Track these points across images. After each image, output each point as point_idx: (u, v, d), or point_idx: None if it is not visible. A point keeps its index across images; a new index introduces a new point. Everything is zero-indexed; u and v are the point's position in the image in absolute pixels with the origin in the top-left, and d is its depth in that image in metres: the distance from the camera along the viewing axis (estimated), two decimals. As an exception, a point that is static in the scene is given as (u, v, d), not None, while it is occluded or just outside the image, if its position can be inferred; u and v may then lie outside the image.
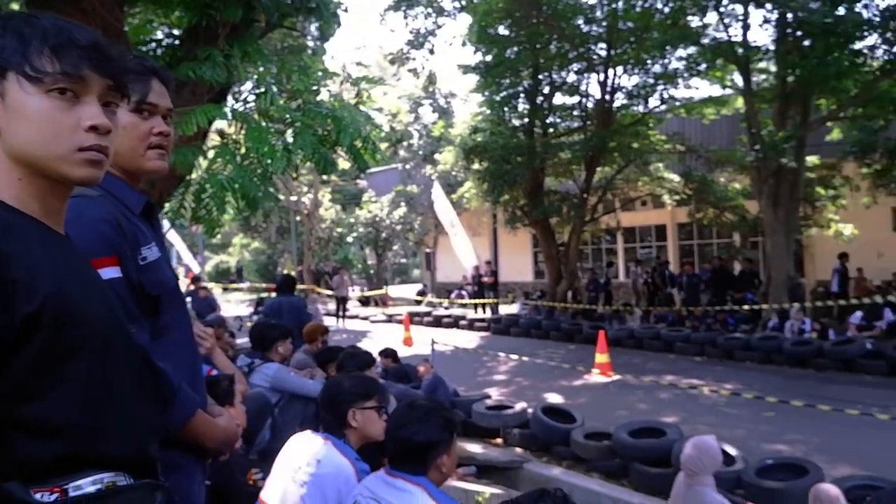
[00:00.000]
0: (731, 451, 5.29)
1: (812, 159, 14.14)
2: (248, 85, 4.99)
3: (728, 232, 17.44)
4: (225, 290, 29.76)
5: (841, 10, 10.62)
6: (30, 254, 0.93)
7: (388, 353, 7.32)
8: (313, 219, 27.23)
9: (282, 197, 26.32)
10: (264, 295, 22.11)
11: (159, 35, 5.31)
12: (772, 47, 12.51)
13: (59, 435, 0.93)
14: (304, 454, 2.44)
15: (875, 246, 15.29)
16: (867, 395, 8.08)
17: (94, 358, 0.98)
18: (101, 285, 1.14)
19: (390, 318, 18.86)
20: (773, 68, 13.27)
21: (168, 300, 1.51)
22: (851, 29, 10.70)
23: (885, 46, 11.02)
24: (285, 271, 29.10)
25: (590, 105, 16.64)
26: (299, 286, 24.73)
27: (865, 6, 10.89)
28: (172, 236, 25.98)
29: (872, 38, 11.14)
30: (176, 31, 5.26)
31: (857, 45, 11.25)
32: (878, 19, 10.70)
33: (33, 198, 1.01)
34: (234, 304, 23.00)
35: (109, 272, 1.33)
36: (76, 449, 0.95)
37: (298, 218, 27.54)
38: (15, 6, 5.98)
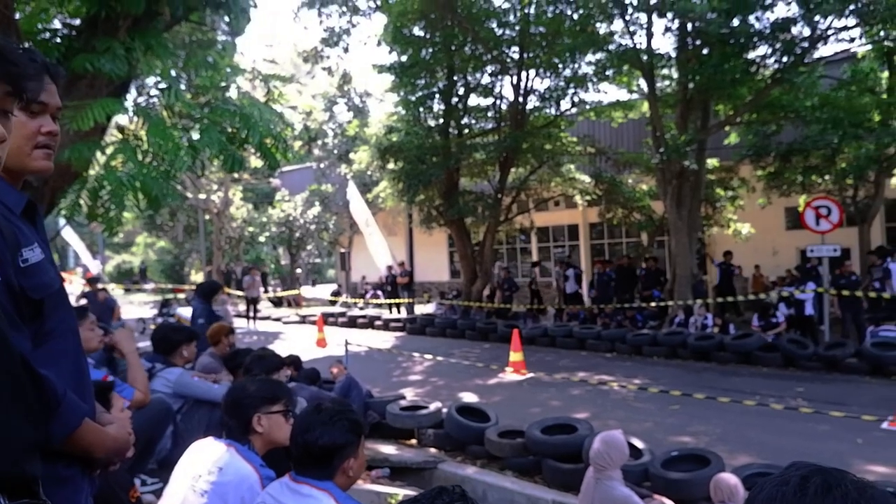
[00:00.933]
0: (639, 444, 5.49)
1: (712, 162, 15.04)
2: (153, 80, 4.72)
3: (636, 231, 18.20)
4: (127, 291, 28.24)
5: (735, 22, 11.28)
6: None
7: (291, 362, 7.02)
8: (223, 218, 26.26)
9: (190, 195, 25.23)
10: (170, 296, 21.12)
11: (56, 24, 4.95)
12: (674, 55, 13.12)
13: None
14: (205, 461, 2.34)
15: (770, 244, 16.46)
16: (764, 386, 8.64)
17: None
18: None
19: (304, 319, 18.46)
20: (675, 75, 13.93)
21: (52, 304, 1.42)
22: (744, 39, 11.41)
23: (775, 56, 11.81)
24: (197, 273, 27.91)
25: (503, 107, 16.92)
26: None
27: (757, 18, 11.62)
28: (69, 235, 24.40)
29: (764, 48, 11.93)
30: (74, 22, 4.91)
31: (751, 55, 12.01)
32: (768, 30, 11.45)
33: None
34: (137, 306, 21.88)
35: None
36: None
37: (207, 217, 26.48)
38: None
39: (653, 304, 13.42)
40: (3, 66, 0.95)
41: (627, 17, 12.85)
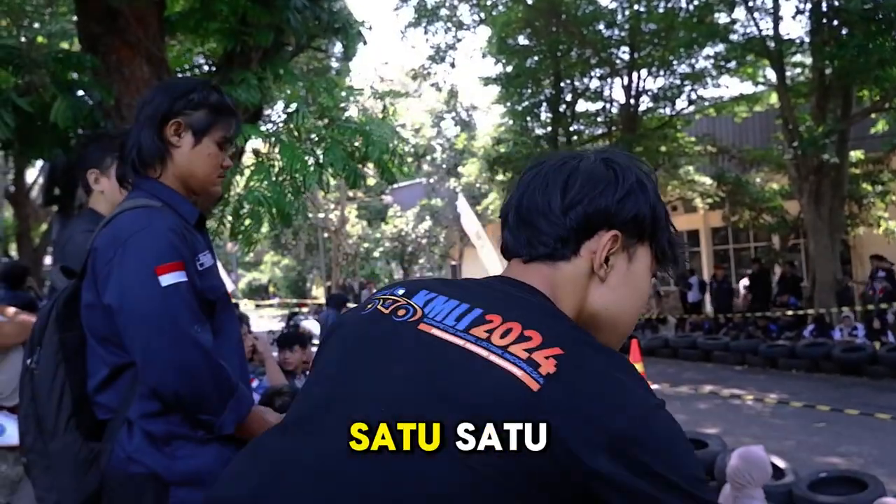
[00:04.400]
0: (780, 463, 5.06)
1: (856, 154, 13.63)
2: (280, 105, 5.06)
3: (766, 235, 17.04)
4: (258, 306, 30.09)
5: (881, -5, 10.22)
6: None
7: None
8: (340, 235, 27.41)
9: (310, 214, 26.60)
10: (295, 310, 22.28)
11: (201, 60, 5.45)
12: (807, 39, 12.17)
13: None
14: None
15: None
16: (930, 403, 7.71)
17: None
18: None
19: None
20: (808, 61, 12.91)
21: (220, 305, 1.59)
22: (894, 14, 10.21)
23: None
24: (318, 288, 29.35)
25: (614, 110, 16.49)
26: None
27: (910, -13, 10.43)
28: (209, 255, 26.38)
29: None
30: (212, 58, 5.37)
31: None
32: (922, 1, 10.24)
33: None
34: (267, 320, 23.35)
35: (178, 276, 1.42)
36: None
37: (326, 234, 27.75)
38: (65, 44, 6.22)
39: (789, 312, 12.39)
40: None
41: (751, 3, 12.09)
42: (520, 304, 0.85)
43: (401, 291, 0.90)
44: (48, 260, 12.29)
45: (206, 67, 5.11)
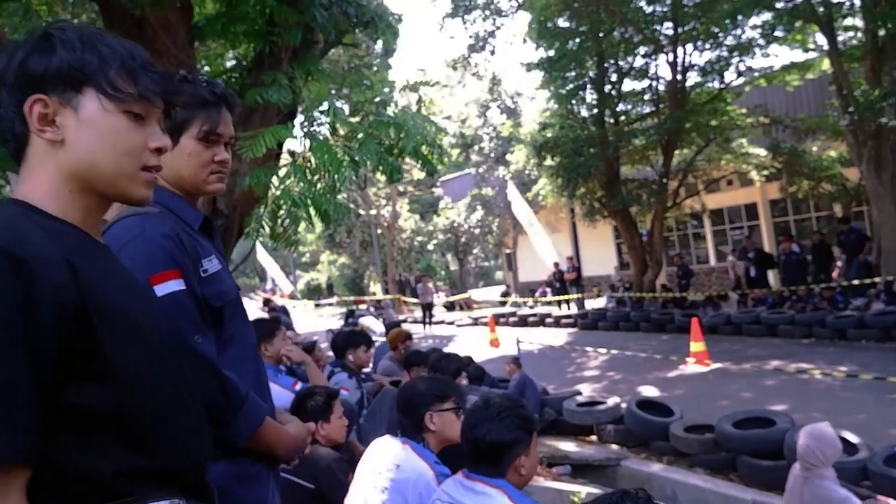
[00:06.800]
0: (852, 438, 4.88)
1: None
2: (324, 106, 5.09)
3: (828, 204, 16.35)
4: (317, 305, 30.71)
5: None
6: (75, 256, 0.90)
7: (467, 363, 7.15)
8: (394, 230, 27.68)
9: (362, 212, 26.93)
10: (353, 308, 22.65)
11: (230, 64, 5.53)
12: (856, 1, 11.61)
13: (124, 446, 0.91)
14: (383, 459, 2.42)
15: None
16: None
17: (149, 367, 0.96)
18: (149, 297, 1.16)
19: (476, 321, 18.85)
20: (860, 23, 12.33)
21: (230, 312, 1.51)
22: None
23: None
24: (375, 284, 29.81)
25: (661, 87, 16.09)
26: (385, 296, 25.40)
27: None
28: (264, 258, 27.14)
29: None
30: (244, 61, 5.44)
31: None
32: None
33: (77, 210, 0.98)
34: (326, 318, 23.78)
35: (174, 285, 1.35)
36: (137, 464, 0.92)
37: (379, 231, 28.08)
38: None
39: (855, 281, 11.85)
40: (168, 85, 1.04)
41: (797, -33, 11.59)
42: None
43: None
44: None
45: (236, 72, 5.18)
